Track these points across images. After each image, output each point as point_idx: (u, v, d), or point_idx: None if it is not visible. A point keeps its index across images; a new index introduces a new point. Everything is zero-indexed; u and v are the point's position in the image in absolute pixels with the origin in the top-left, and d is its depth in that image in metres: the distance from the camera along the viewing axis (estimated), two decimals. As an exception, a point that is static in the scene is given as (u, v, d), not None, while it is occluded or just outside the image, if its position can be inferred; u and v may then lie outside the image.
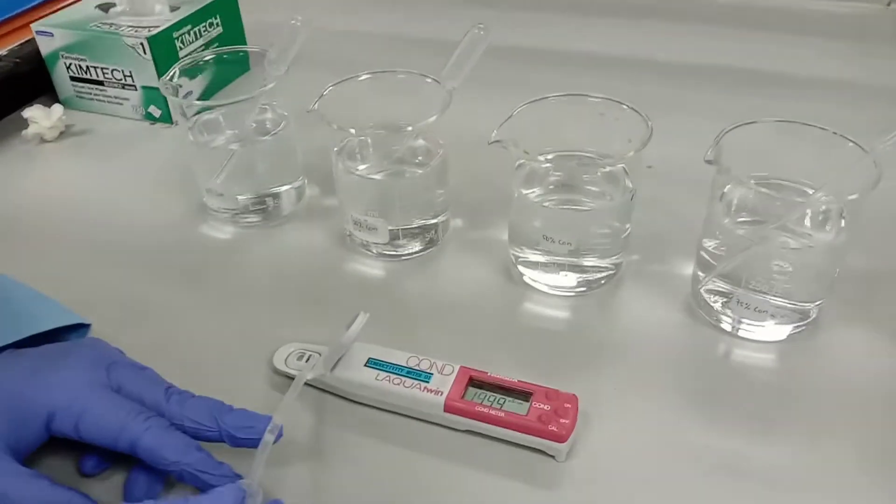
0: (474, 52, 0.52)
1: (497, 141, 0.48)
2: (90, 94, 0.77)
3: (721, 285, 0.48)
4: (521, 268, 0.53)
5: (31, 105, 0.73)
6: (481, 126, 0.49)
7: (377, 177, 0.55)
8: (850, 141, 0.45)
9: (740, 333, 0.48)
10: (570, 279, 0.51)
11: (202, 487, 0.38)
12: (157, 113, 0.75)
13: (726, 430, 0.43)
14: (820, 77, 0.78)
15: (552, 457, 0.41)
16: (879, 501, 0.39)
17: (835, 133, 0.46)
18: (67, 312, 0.47)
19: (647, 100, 0.50)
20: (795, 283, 0.46)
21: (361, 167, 0.55)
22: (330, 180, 0.57)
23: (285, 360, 0.47)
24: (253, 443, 0.39)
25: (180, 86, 0.58)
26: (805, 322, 0.48)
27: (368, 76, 0.56)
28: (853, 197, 0.42)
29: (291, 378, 0.44)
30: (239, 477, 0.38)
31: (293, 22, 0.55)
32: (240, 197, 0.59)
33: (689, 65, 0.82)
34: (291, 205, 0.62)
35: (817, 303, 0.48)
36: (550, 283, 0.52)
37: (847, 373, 0.46)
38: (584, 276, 0.51)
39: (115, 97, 0.76)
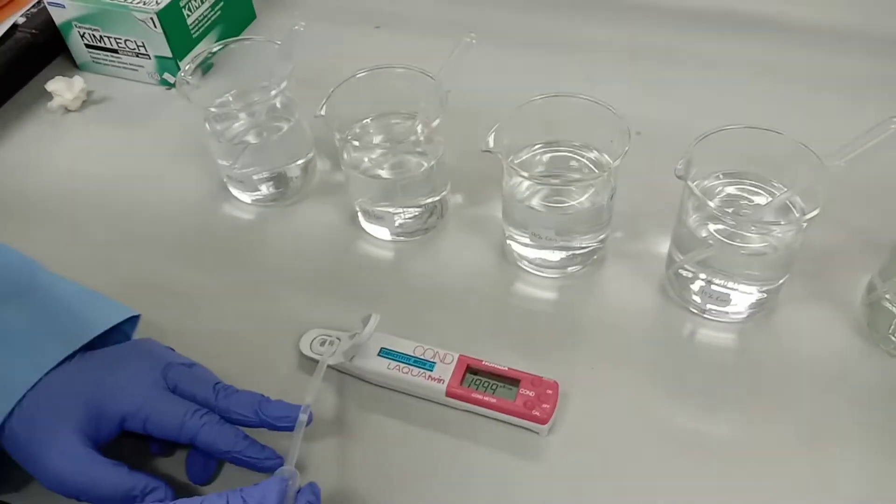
0: (466, 57, 0.56)
1: (489, 150, 0.52)
2: (106, 60, 0.80)
3: (689, 271, 0.54)
4: (511, 244, 0.59)
5: (52, 77, 0.77)
6: (479, 91, 0.52)
7: (382, 174, 0.60)
8: (813, 153, 0.49)
9: (706, 315, 0.55)
10: (556, 255, 0.57)
11: (249, 468, 0.47)
12: (171, 79, 0.79)
13: (688, 405, 0.51)
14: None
15: (536, 433, 0.50)
16: (825, 473, 0.47)
17: (800, 143, 0.50)
18: (119, 307, 0.54)
19: (648, 51, 0.53)
20: (757, 272, 0.52)
21: (366, 160, 0.61)
22: (338, 152, 0.61)
23: (310, 345, 0.55)
24: (289, 428, 0.47)
25: (195, 85, 0.63)
26: (765, 303, 0.54)
27: (366, 73, 0.59)
28: (812, 214, 0.47)
29: (316, 361, 0.52)
30: (280, 458, 0.47)
31: (296, 28, 0.58)
32: (255, 177, 0.65)
33: (697, 10, 0.83)
34: (304, 181, 0.67)
35: (777, 284, 0.54)
36: (537, 260, 0.58)
37: (800, 350, 0.53)
38: (571, 252, 0.57)
39: (131, 64, 0.79)
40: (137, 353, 0.50)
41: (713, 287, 0.53)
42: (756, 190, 0.53)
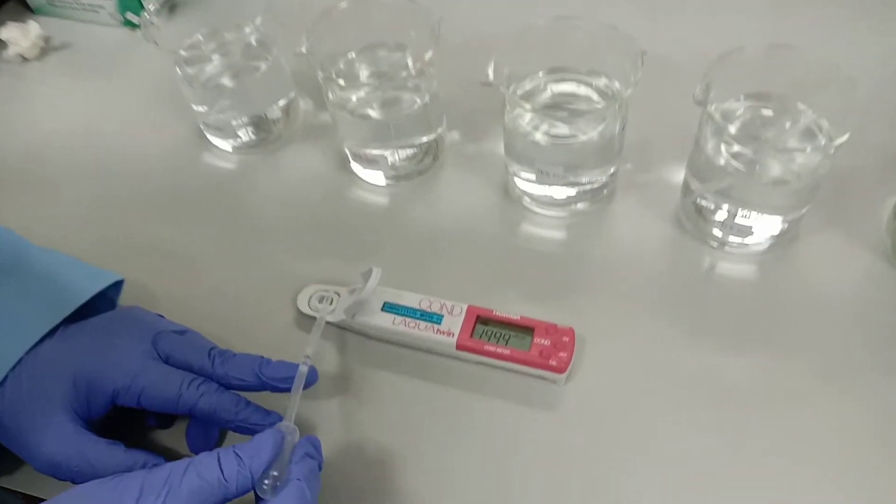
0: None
1: (488, 83, 0.48)
2: (62, 2, 0.74)
3: (708, 202, 0.51)
4: (516, 182, 0.56)
5: (4, 24, 0.71)
6: (474, 18, 0.48)
7: (372, 113, 0.56)
8: (841, 72, 0.45)
9: (724, 248, 0.53)
10: (563, 192, 0.54)
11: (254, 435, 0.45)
12: (135, 20, 0.72)
13: (708, 343, 0.49)
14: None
15: (553, 382, 0.48)
16: (848, 410, 0.45)
17: (828, 62, 0.46)
18: (100, 273, 0.51)
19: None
20: (781, 201, 0.49)
21: (353, 99, 0.56)
22: (321, 90, 0.57)
23: (308, 301, 0.52)
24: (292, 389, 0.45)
25: (161, 26, 0.57)
26: (787, 233, 0.52)
27: (349, 2, 0.54)
28: (842, 140, 0.44)
29: (314, 319, 0.50)
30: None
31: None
32: (234, 122, 0.60)
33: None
34: (287, 124, 0.63)
35: (801, 212, 0.51)
36: (544, 198, 0.55)
37: (823, 280, 0.51)
38: (579, 188, 0.54)
39: (89, 5, 0.73)
40: (125, 323, 0.47)
41: (733, 218, 0.50)
42: (779, 113, 0.49)
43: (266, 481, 0.37)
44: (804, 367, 0.47)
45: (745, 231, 0.50)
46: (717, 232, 0.52)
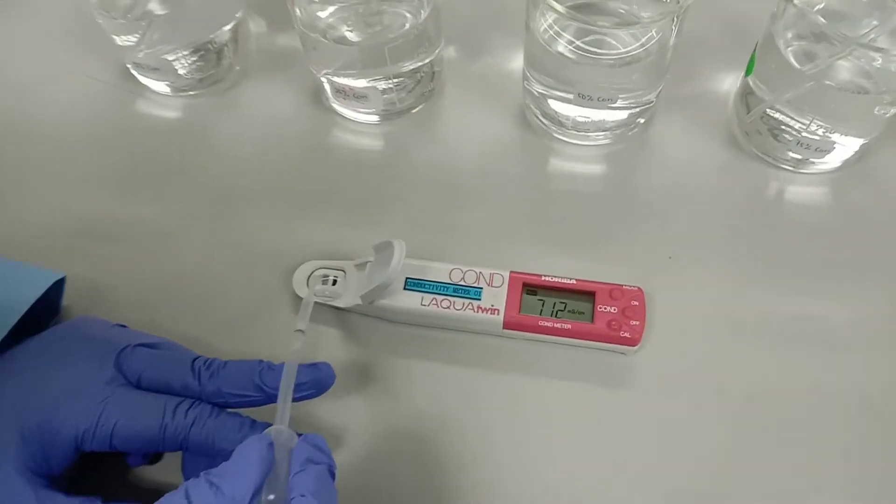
0: None
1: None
2: None
3: (780, 115, 0.42)
4: (546, 105, 0.46)
5: None
6: None
7: (351, 36, 0.44)
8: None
9: (799, 169, 0.45)
10: (602, 115, 0.44)
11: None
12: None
13: (790, 289, 0.42)
14: None
15: (622, 353, 0.40)
16: None
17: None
18: (35, 272, 0.39)
19: None
20: (863, 111, 0.41)
21: (326, 16, 0.44)
22: (276, 5, 0.45)
23: (307, 282, 0.42)
24: (309, 395, 0.36)
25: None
26: (867, 147, 0.44)
27: None
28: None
29: (321, 305, 0.40)
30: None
31: None
32: (170, 57, 0.48)
33: None
34: (237, 53, 0.51)
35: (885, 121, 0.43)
36: (578, 123, 0.45)
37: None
38: (622, 110, 0.44)
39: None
40: (76, 343, 0.36)
41: (812, 133, 0.42)
42: (868, 8, 0.41)
43: None
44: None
45: (826, 148, 0.42)
46: (790, 151, 0.44)
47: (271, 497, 0.29)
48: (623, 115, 0.44)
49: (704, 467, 0.37)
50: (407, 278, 0.40)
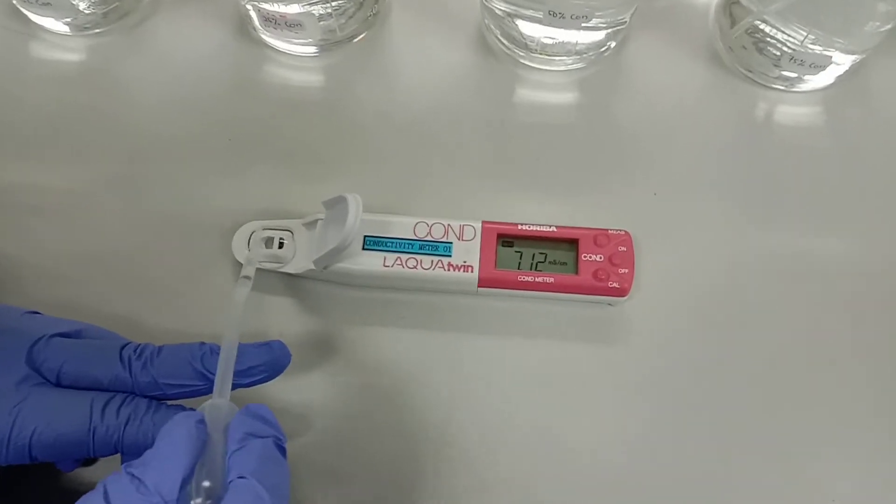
0: None
1: None
2: None
3: (769, 27, 0.38)
4: (495, 28, 0.41)
5: None
6: None
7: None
8: None
9: (789, 88, 0.41)
10: (573, 35, 0.39)
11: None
12: None
13: (786, 220, 0.38)
14: None
15: (610, 304, 0.36)
16: None
17: None
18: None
19: None
20: (858, 22, 0.37)
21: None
22: None
23: (248, 245, 0.36)
24: (261, 380, 0.31)
25: None
26: (856, 64, 0.40)
27: None
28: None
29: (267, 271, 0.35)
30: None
31: None
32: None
33: None
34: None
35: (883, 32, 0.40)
36: (546, 45, 0.40)
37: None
38: (596, 30, 0.39)
39: None
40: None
41: (806, 47, 0.38)
42: None
43: (196, 501, 0.25)
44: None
45: (821, 64, 0.38)
46: (779, 68, 0.40)
47: (206, 484, 0.25)
48: (596, 35, 0.40)
49: (704, 424, 0.34)
50: (365, 236, 0.35)
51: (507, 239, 0.36)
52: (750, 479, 0.33)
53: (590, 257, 0.35)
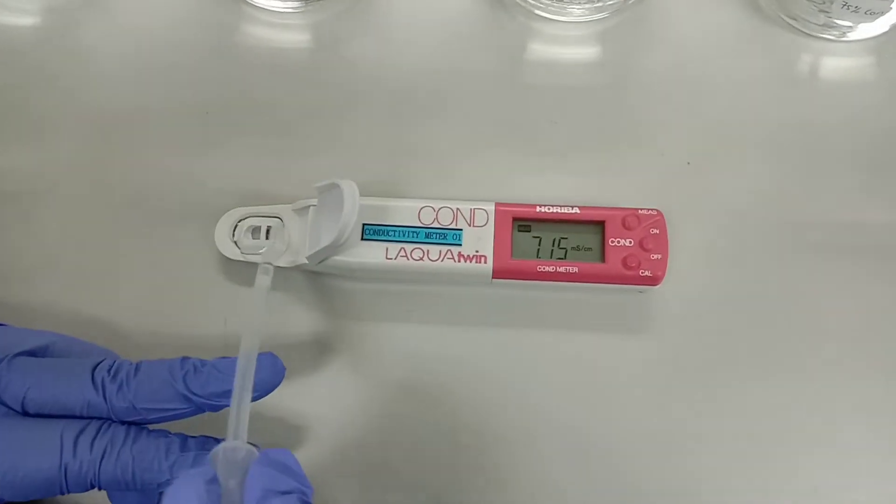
0: None
1: None
2: None
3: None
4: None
5: None
6: None
7: None
8: None
9: (831, 36, 0.36)
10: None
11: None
12: None
13: (837, 193, 0.34)
14: None
15: (640, 293, 0.33)
16: None
17: None
18: None
19: None
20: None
21: None
22: None
23: (232, 236, 0.33)
24: (254, 398, 0.28)
25: None
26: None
27: None
28: None
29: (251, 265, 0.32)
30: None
31: None
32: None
33: None
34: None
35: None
36: None
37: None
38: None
39: None
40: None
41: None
42: None
43: None
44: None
45: (879, 9, 0.34)
46: (828, 14, 0.35)
47: None
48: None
49: (744, 420, 0.31)
50: (364, 225, 0.31)
51: (524, 223, 0.32)
52: (798, 476, 0.30)
53: (618, 242, 0.31)
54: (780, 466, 0.30)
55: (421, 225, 0.31)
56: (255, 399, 0.28)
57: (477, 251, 0.31)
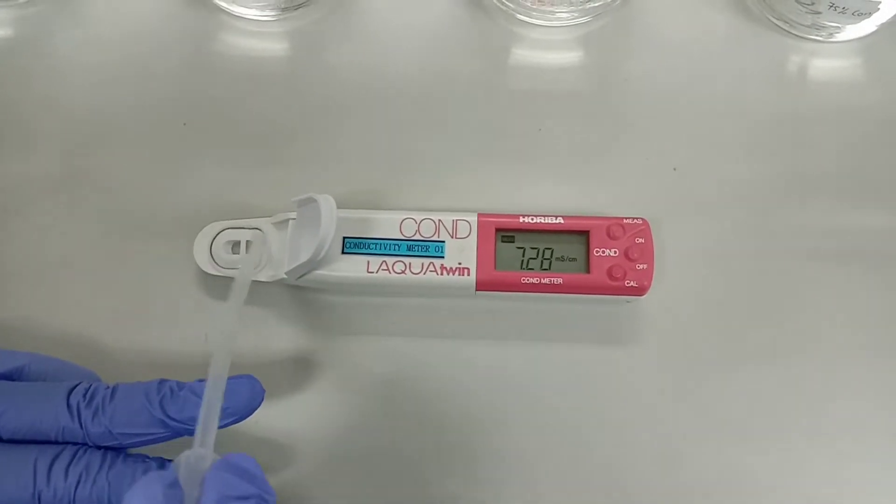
0: None
1: None
2: None
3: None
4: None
5: None
6: None
7: None
8: None
9: (819, 37, 0.36)
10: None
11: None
12: None
13: (826, 197, 0.34)
14: None
15: (627, 302, 0.33)
16: None
17: None
18: None
19: None
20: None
21: None
22: None
23: (210, 251, 0.33)
24: (229, 423, 0.28)
25: None
26: None
27: None
28: None
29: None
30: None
31: None
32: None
33: None
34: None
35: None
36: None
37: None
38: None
39: None
40: None
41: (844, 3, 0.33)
42: None
43: None
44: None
45: (866, 10, 0.34)
46: (816, 15, 0.35)
47: None
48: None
49: (736, 428, 0.31)
50: (345, 238, 0.31)
51: (508, 234, 0.32)
52: (790, 480, 0.30)
53: (603, 252, 0.31)
54: (770, 472, 0.31)
55: (403, 237, 0.31)
56: (233, 422, 0.28)
57: (460, 263, 0.31)
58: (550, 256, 0.32)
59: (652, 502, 0.30)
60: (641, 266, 0.31)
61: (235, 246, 0.32)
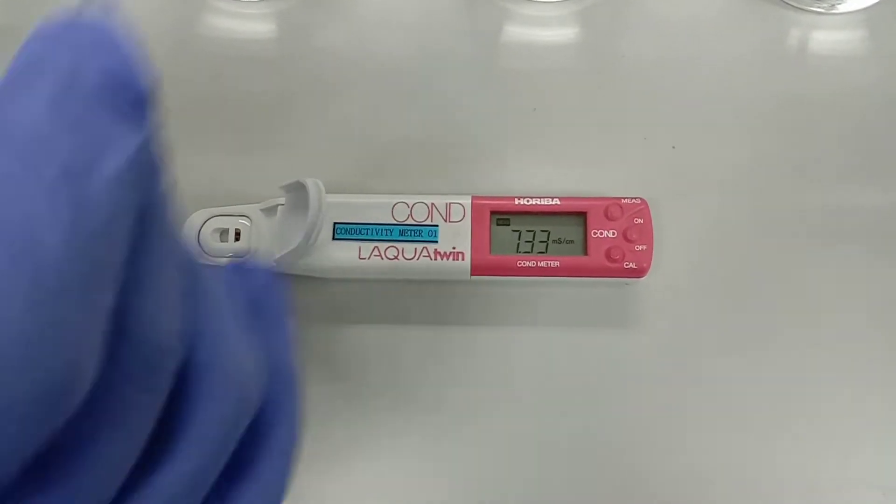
0: None
1: None
2: None
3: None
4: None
5: None
6: None
7: None
8: None
9: (820, 8, 0.36)
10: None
11: None
12: None
13: (829, 174, 0.34)
14: None
15: (626, 284, 0.33)
16: None
17: None
18: None
19: None
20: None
21: None
22: None
23: (198, 237, 0.32)
24: None
25: None
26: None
27: None
28: None
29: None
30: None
31: None
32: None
33: None
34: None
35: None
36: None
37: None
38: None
39: None
40: None
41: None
42: None
43: None
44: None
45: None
46: (816, -12, 0.35)
47: None
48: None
49: (738, 410, 0.31)
50: (336, 224, 0.31)
51: (503, 216, 0.31)
52: (792, 462, 0.30)
53: (600, 233, 0.31)
54: (773, 453, 0.30)
55: (395, 222, 0.31)
56: None
57: (454, 248, 0.31)
58: (547, 239, 0.31)
59: (652, 485, 0.30)
60: (640, 247, 0.31)
61: (224, 234, 0.32)
